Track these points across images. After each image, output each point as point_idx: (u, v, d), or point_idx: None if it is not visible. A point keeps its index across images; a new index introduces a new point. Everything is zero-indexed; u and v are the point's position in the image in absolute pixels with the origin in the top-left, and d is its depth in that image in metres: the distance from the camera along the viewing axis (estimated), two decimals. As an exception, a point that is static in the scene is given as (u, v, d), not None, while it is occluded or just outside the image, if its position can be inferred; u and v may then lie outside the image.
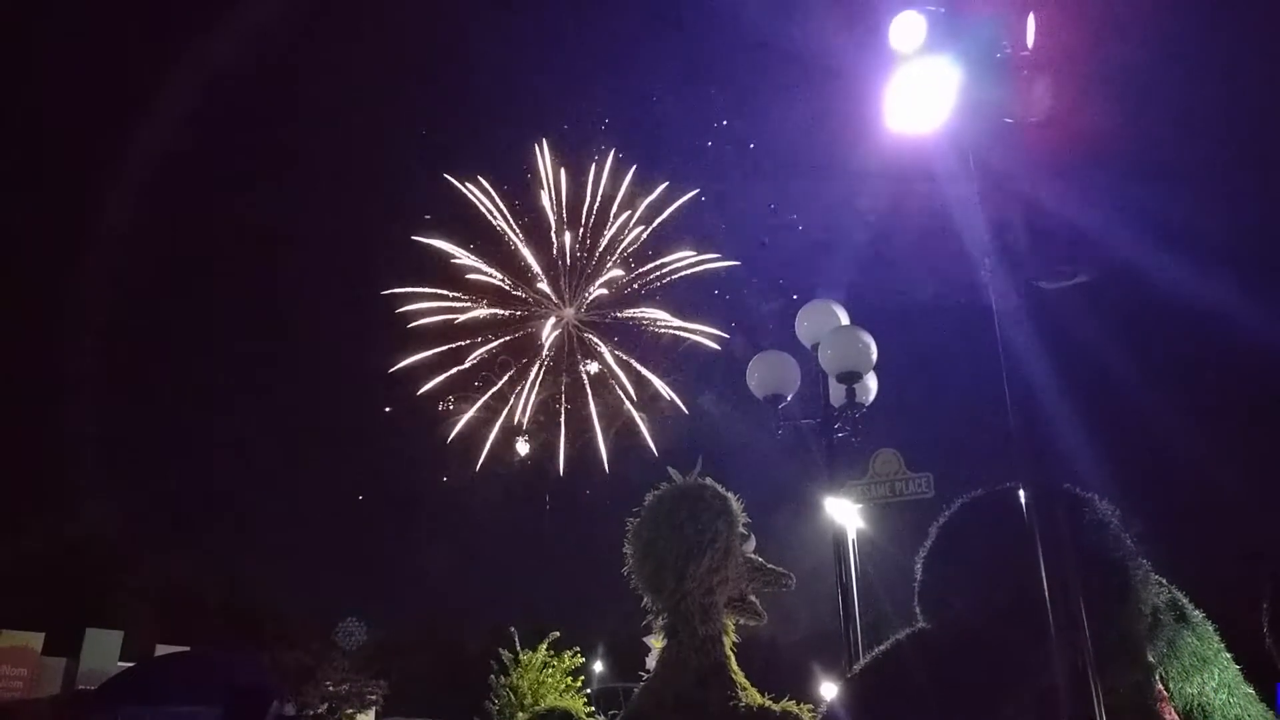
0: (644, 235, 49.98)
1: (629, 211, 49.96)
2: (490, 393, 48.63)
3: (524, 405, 49.20)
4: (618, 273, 50.49)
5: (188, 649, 22.96)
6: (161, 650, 26.38)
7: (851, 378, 7.66)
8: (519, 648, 25.84)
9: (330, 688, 30.84)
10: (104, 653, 29.31)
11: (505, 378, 49.10)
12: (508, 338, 49.79)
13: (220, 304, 66.78)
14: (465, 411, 48.38)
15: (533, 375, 49.91)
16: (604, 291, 50.69)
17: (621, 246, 50.23)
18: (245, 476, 61.54)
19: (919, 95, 4.12)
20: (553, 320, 50.81)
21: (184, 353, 65.03)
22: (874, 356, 7.79)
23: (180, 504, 57.36)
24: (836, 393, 7.83)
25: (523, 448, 49.12)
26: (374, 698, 32.67)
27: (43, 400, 50.00)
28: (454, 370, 48.41)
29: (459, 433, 48.36)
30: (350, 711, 31.41)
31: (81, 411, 50.94)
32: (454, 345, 48.64)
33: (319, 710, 29.60)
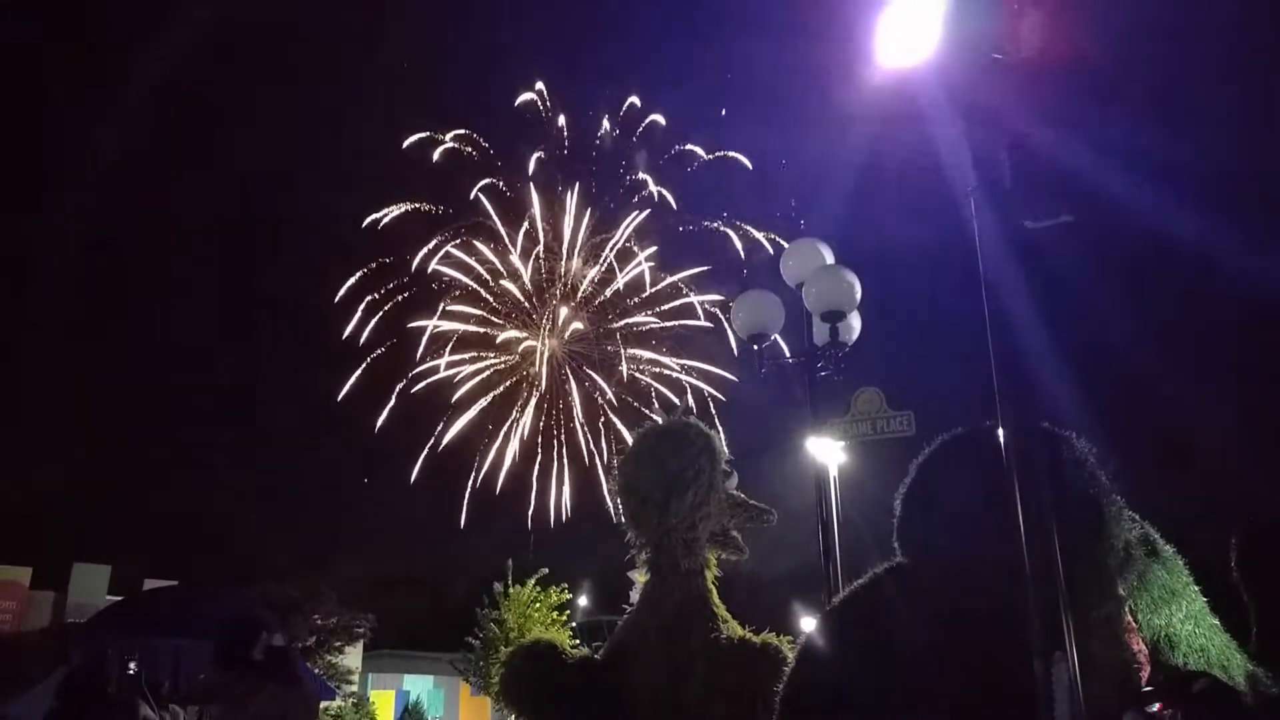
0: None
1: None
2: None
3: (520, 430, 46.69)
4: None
5: (176, 583, 23.15)
6: (150, 585, 26.60)
7: (835, 316, 7.68)
8: (510, 582, 26.26)
9: (318, 621, 31.31)
10: (92, 587, 29.61)
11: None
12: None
13: (218, 251, 65.63)
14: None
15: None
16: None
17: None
18: (235, 412, 61.46)
19: (908, 28, 4.05)
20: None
21: (176, 297, 64.28)
22: (858, 295, 7.81)
23: (168, 440, 57.34)
24: (820, 332, 7.86)
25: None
26: (361, 631, 33.22)
27: (33, 338, 49.54)
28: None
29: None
30: (338, 644, 31.95)
31: (72, 349, 50.47)
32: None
33: (308, 643, 30.05)
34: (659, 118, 47.99)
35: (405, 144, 46.44)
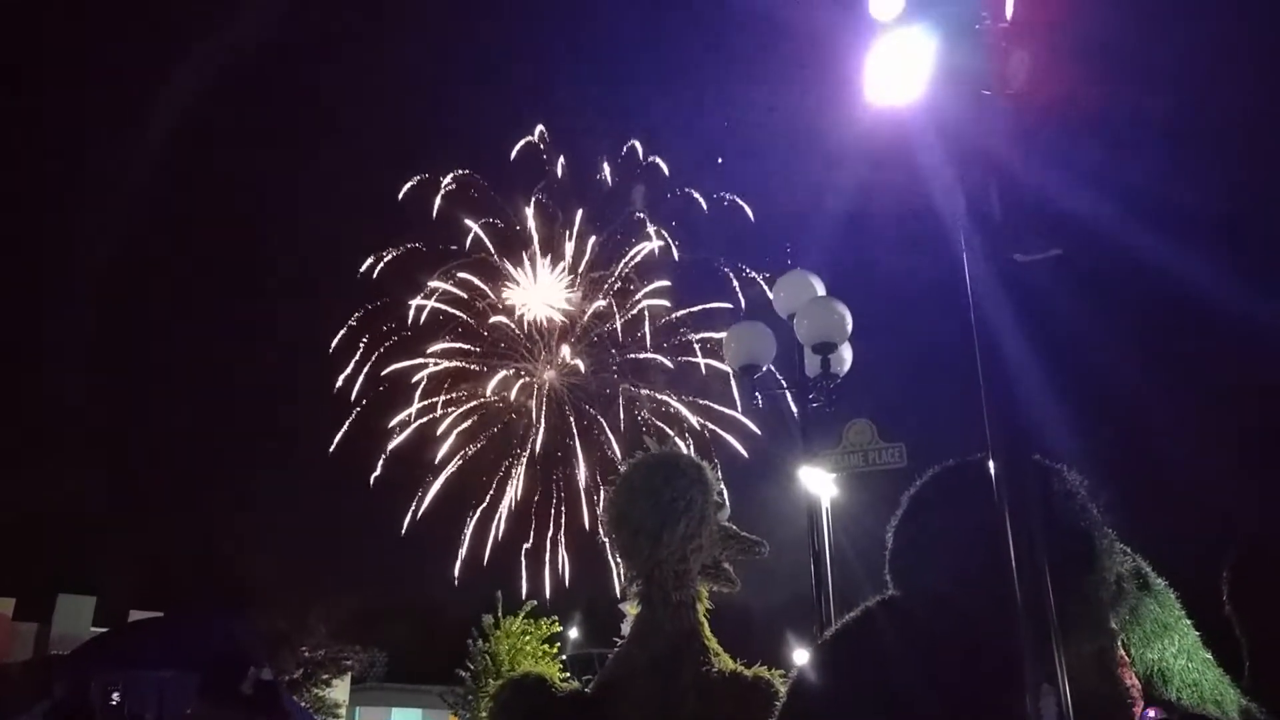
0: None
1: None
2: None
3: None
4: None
5: (161, 614, 22.88)
6: (135, 616, 26.30)
7: (826, 348, 7.71)
8: (500, 614, 26.07)
9: (306, 654, 30.96)
10: (76, 618, 29.26)
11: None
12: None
13: (203, 276, 65.64)
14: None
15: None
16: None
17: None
18: (220, 441, 61.11)
19: (897, 66, 4.10)
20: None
21: (166, 322, 64.14)
22: (849, 327, 7.84)
23: (153, 469, 56.97)
24: (812, 363, 7.88)
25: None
26: (349, 664, 32.84)
27: (16, 366, 49.29)
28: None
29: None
30: (326, 677, 31.56)
31: (57, 378, 50.13)
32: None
33: (295, 675, 29.69)
34: (659, 161, 48.05)
35: (405, 187, 46.07)
